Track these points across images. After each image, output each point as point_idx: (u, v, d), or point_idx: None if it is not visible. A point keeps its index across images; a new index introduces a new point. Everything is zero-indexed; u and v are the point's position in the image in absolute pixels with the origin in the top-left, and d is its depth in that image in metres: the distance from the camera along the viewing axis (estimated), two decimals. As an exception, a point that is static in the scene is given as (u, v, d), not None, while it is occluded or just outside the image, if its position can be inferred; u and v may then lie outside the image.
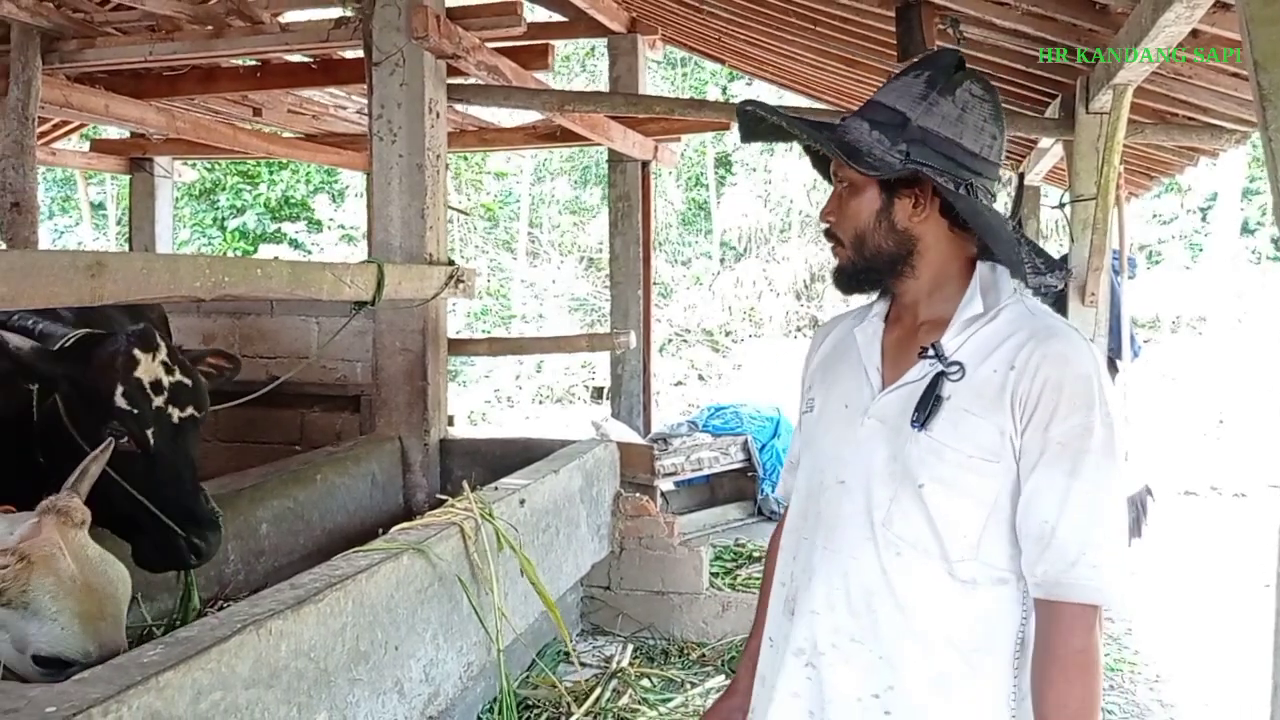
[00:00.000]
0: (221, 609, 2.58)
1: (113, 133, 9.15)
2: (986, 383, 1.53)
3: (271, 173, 16.76)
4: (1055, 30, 4.23)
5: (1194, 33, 3.53)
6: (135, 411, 2.68)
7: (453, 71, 4.93)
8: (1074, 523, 1.46)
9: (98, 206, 17.89)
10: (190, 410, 2.79)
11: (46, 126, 7.98)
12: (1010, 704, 1.53)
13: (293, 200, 16.99)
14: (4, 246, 6.13)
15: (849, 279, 1.67)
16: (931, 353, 1.57)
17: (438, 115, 4.71)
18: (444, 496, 3.52)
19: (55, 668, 2.02)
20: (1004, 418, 1.50)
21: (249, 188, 16.98)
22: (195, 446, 2.82)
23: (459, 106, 6.97)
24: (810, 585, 1.62)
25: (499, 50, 5.40)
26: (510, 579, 3.41)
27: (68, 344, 2.77)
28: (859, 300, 1.80)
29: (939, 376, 1.55)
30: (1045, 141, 6.10)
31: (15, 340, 2.70)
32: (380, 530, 3.28)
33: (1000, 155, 1.64)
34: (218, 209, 17.13)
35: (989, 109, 1.60)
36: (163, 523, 2.66)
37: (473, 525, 3.24)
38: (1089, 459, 1.47)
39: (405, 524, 3.18)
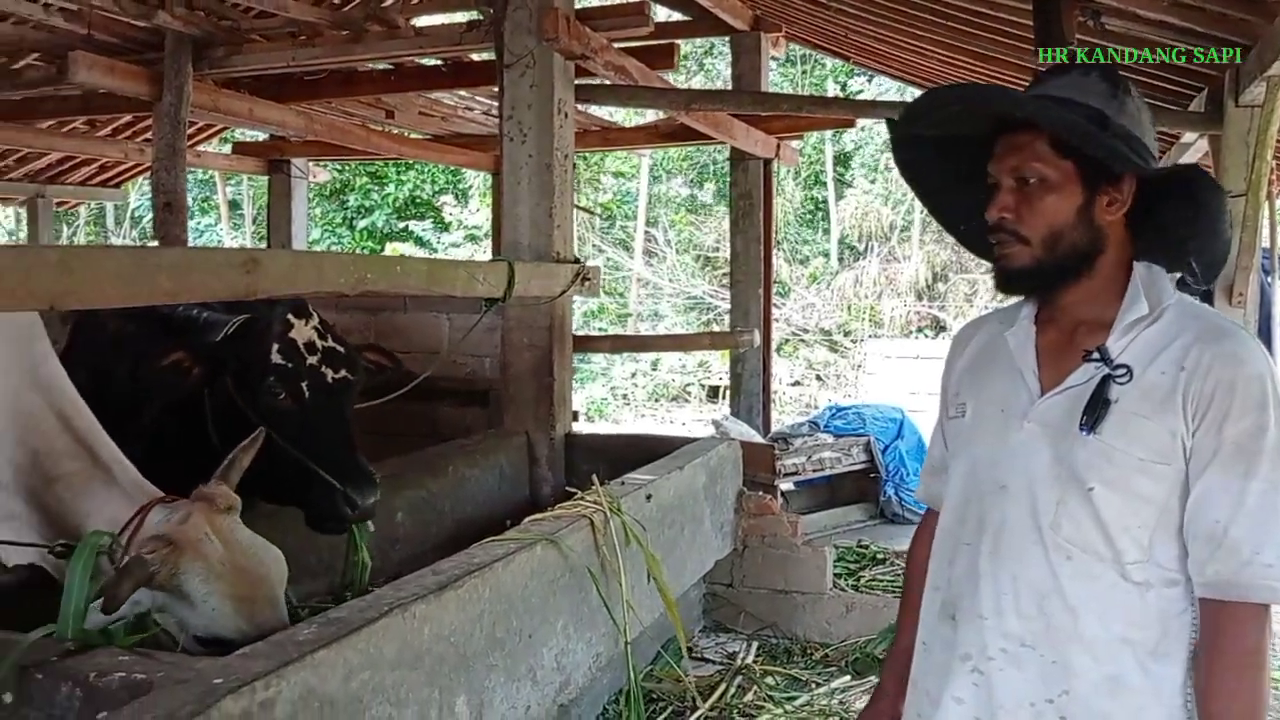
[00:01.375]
0: (365, 593, 2.66)
1: (252, 135, 9.54)
2: (1156, 385, 1.51)
3: (399, 173, 17.20)
4: (1204, 21, 4.06)
5: (1358, 20, 3.36)
6: (289, 366, 2.81)
7: (580, 72, 4.99)
8: (1248, 523, 1.45)
9: (235, 206, 18.65)
10: (344, 373, 2.90)
11: (192, 130, 8.36)
12: (1186, 704, 1.52)
13: (419, 200, 17.42)
14: (156, 245, 6.46)
15: (1030, 278, 1.63)
16: (1097, 356, 1.56)
17: (566, 115, 4.78)
18: (572, 490, 3.57)
19: (214, 646, 2.12)
20: (1175, 419, 1.49)
21: (377, 188, 17.48)
22: (349, 409, 2.92)
23: (581, 106, 7.05)
24: (977, 591, 1.62)
25: (625, 50, 5.46)
26: (636, 573, 3.44)
27: (233, 329, 2.93)
28: (983, 300, 1.79)
29: (1106, 379, 1.54)
30: (1188, 136, 5.86)
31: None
32: (508, 522, 3.35)
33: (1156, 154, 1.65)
34: (347, 209, 17.68)
35: (1148, 108, 1.63)
36: (321, 480, 2.73)
37: (601, 519, 3.28)
38: (1263, 459, 1.46)
39: (537, 515, 3.23)
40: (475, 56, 6.56)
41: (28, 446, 2.41)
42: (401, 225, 17.36)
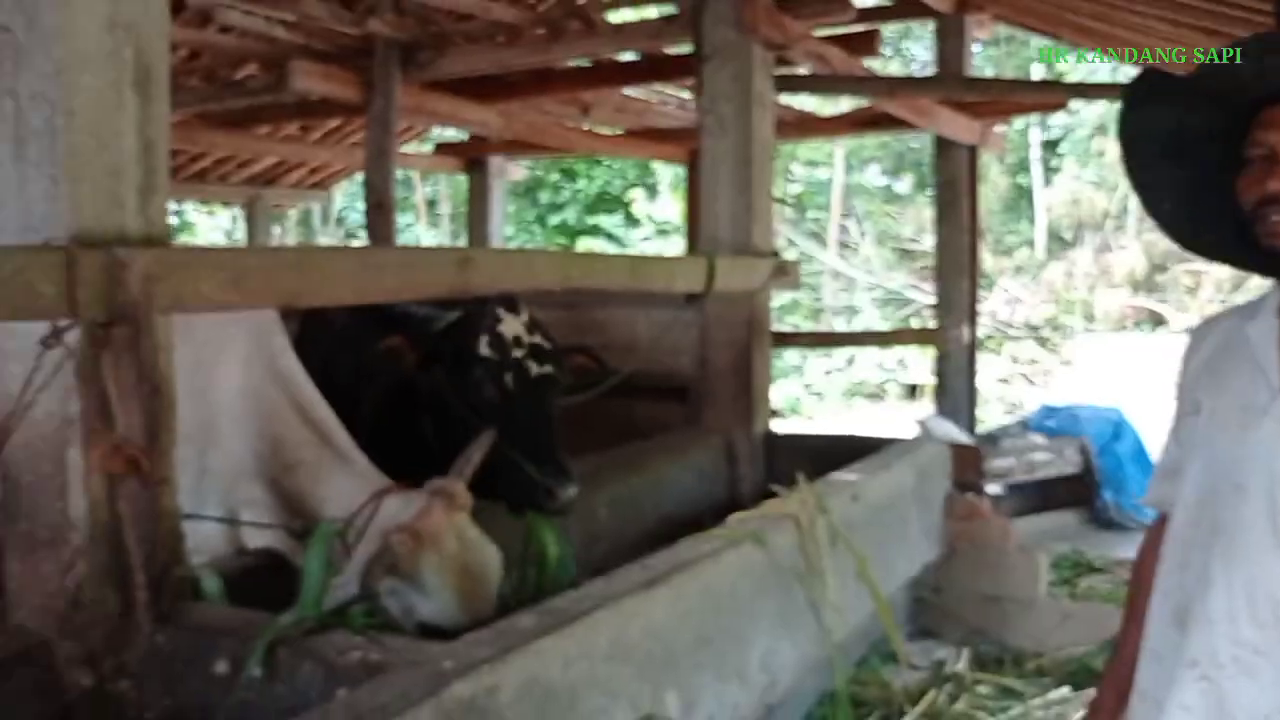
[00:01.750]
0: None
1: (448, 134, 9.83)
2: None
3: (589, 169, 17.46)
4: None
5: None
6: (496, 358, 2.90)
7: (779, 62, 4.90)
8: None
9: (431, 205, 19.34)
10: (548, 368, 2.97)
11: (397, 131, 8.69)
12: None
13: (609, 195, 17.61)
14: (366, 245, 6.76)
15: None
16: None
17: (765, 107, 4.71)
18: (775, 488, 3.52)
19: (432, 633, 2.22)
20: None
21: (568, 184, 17.79)
22: (552, 404, 2.98)
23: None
24: (1207, 595, 1.54)
25: (825, 38, 5.33)
26: (842, 574, 3.36)
27: (449, 322, 3.04)
28: (1207, 293, 1.70)
29: None
30: None
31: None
32: (707, 520, 3.32)
33: None
34: (538, 205, 18.07)
35: None
36: (522, 472, 2.79)
37: (807, 518, 3.22)
38: None
39: (743, 513, 3.21)
40: (672, 50, 6.55)
41: (269, 435, 2.58)
42: (592, 221, 17.58)
